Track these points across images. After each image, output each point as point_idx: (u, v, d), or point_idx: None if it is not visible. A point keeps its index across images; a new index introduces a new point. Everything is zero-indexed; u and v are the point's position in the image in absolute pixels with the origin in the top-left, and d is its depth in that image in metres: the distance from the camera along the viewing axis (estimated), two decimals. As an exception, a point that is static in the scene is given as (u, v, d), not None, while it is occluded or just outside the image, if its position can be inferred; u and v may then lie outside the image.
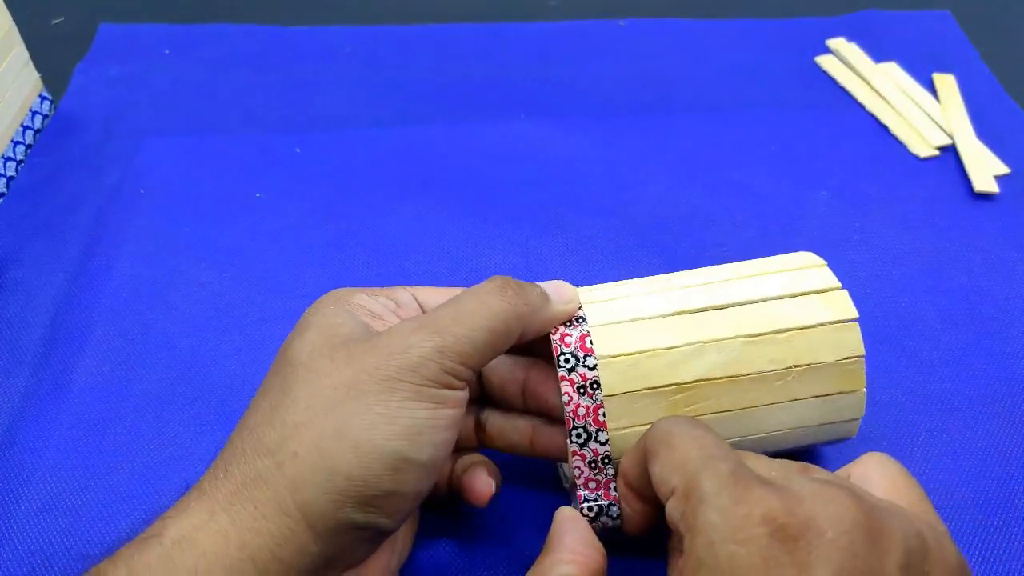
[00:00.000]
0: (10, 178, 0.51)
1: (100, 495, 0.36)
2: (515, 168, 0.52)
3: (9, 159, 0.50)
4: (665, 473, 0.25)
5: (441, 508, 0.34)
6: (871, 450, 0.29)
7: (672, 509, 0.24)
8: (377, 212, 0.49)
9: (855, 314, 0.31)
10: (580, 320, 0.31)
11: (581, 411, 0.30)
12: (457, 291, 0.32)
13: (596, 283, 0.33)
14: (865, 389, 0.31)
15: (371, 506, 0.26)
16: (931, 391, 0.40)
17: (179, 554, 0.24)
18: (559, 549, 0.27)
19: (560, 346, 0.30)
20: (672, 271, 0.34)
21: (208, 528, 0.25)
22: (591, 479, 0.30)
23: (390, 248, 0.47)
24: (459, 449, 0.33)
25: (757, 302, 0.31)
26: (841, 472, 0.28)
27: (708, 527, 0.22)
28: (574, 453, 0.30)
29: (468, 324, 0.28)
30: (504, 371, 0.33)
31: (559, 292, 0.31)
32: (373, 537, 0.27)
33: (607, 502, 0.30)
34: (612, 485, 0.30)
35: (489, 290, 0.29)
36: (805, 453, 0.36)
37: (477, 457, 0.33)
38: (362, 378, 0.26)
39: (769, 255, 0.35)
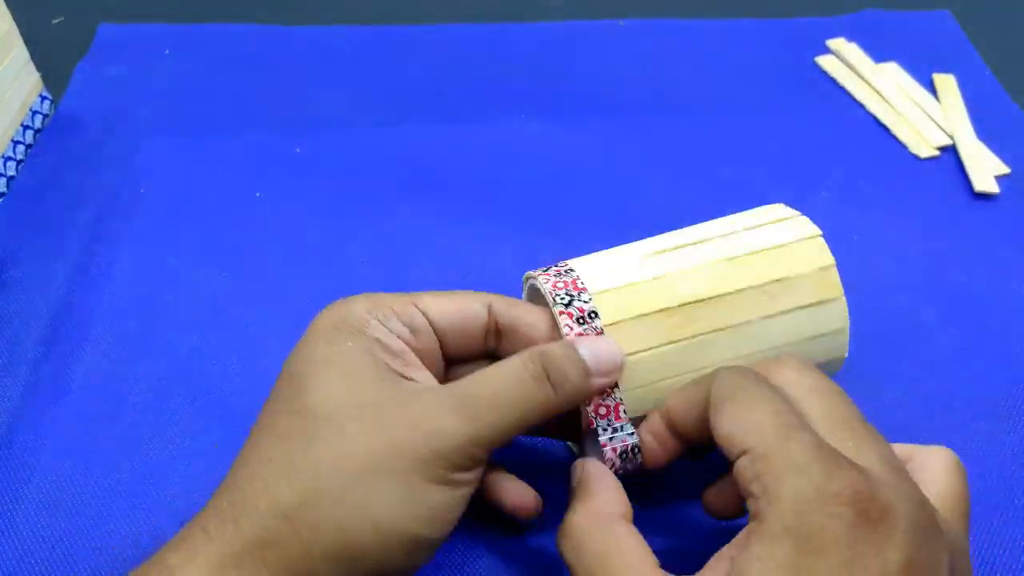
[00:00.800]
0: (10, 178, 0.51)
1: (99, 494, 0.36)
2: (515, 168, 0.52)
3: (9, 159, 0.51)
4: (737, 431, 0.25)
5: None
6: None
7: (744, 468, 0.25)
8: (377, 212, 0.49)
9: (818, 231, 0.34)
10: (570, 271, 0.32)
11: (560, 285, 0.31)
12: (467, 298, 0.31)
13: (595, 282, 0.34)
14: (844, 298, 0.33)
15: None
16: (931, 391, 0.40)
17: None
18: (606, 490, 0.28)
19: (553, 290, 0.31)
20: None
21: None
22: (600, 404, 0.30)
23: (390, 248, 0.47)
24: None
25: (730, 234, 0.34)
26: (904, 450, 0.29)
27: (798, 496, 0.23)
28: (560, 313, 0.31)
29: (504, 414, 0.27)
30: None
31: (600, 365, 0.29)
32: None
33: (619, 423, 0.30)
34: (622, 409, 0.30)
35: (531, 378, 0.28)
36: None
37: (503, 471, 0.32)
38: (391, 452, 0.26)
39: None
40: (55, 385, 0.40)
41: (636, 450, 0.31)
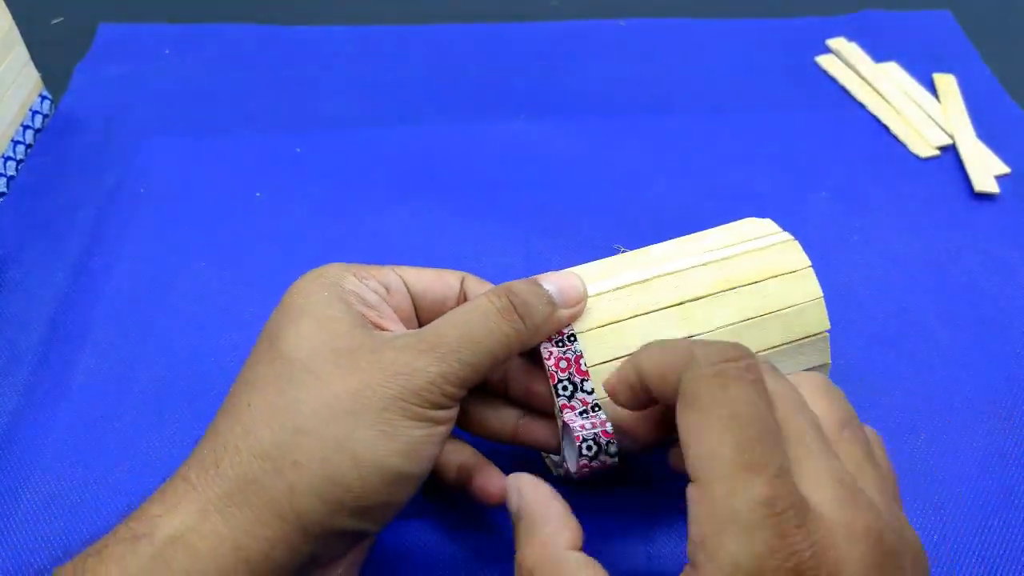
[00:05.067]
0: (10, 178, 0.51)
1: (99, 494, 0.36)
2: (515, 168, 0.52)
3: (9, 159, 0.51)
4: (692, 449, 0.22)
5: (439, 502, 0.34)
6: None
7: (690, 500, 0.22)
8: (377, 212, 0.49)
9: (808, 263, 0.33)
10: None
11: (563, 363, 0.30)
12: (444, 274, 0.32)
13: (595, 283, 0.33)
14: (827, 336, 0.33)
15: (365, 515, 0.27)
16: (931, 391, 0.40)
17: (173, 555, 0.24)
18: (551, 520, 0.26)
19: None
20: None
21: (201, 529, 0.25)
22: (585, 424, 0.30)
23: (390, 248, 0.47)
24: None
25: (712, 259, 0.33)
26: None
27: (735, 569, 0.21)
28: (564, 407, 0.30)
29: (473, 351, 0.28)
30: None
31: (566, 296, 0.30)
32: (359, 539, 0.29)
33: (605, 439, 0.30)
34: (608, 426, 0.30)
35: (497, 311, 0.29)
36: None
37: (477, 455, 0.33)
38: (366, 393, 0.27)
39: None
40: (55, 385, 0.40)
41: (610, 443, 0.30)
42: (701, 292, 0.32)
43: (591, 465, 0.30)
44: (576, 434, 0.30)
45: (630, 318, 0.31)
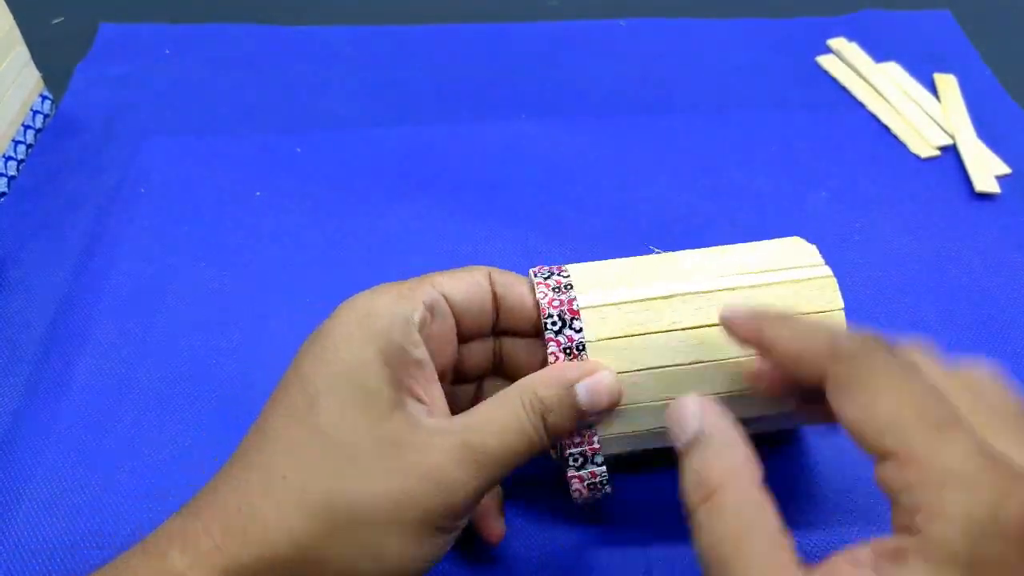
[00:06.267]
0: (10, 178, 0.51)
1: (99, 494, 0.36)
2: (515, 168, 0.52)
3: (10, 159, 0.51)
4: (870, 426, 0.22)
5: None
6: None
7: (890, 478, 0.21)
8: (377, 212, 0.49)
9: (839, 300, 0.32)
10: (568, 287, 0.32)
11: (556, 303, 0.31)
12: (472, 272, 0.32)
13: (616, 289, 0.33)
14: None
15: None
16: (931, 391, 0.40)
17: None
18: (739, 451, 0.24)
19: (548, 307, 0.31)
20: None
21: None
22: (575, 439, 0.30)
23: (390, 248, 0.47)
24: None
25: (745, 286, 0.32)
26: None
27: (969, 518, 0.19)
28: (549, 340, 0.30)
29: (507, 466, 0.28)
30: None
31: (595, 402, 0.29)
32: None
33: (591, 452, 0.30)
34: (596, 439, 0.30)
35: (531, 429, 0.28)
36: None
37: (495, 495, 0.33)
38: (405, 501, 0.26)
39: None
40: (56, 385, 0.40)
41: (605, 482, 0.31)
42: None
43: (579, 475, 0.30)
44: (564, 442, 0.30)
45: (644, 334, 0.30)
